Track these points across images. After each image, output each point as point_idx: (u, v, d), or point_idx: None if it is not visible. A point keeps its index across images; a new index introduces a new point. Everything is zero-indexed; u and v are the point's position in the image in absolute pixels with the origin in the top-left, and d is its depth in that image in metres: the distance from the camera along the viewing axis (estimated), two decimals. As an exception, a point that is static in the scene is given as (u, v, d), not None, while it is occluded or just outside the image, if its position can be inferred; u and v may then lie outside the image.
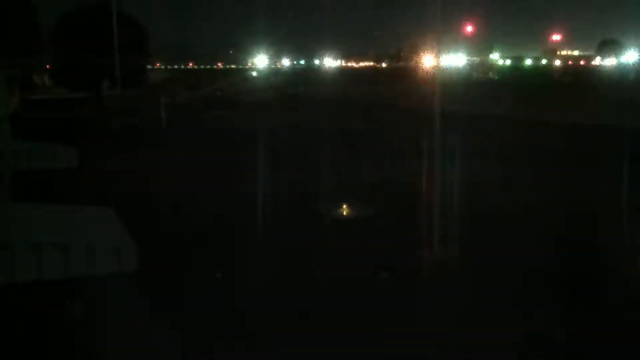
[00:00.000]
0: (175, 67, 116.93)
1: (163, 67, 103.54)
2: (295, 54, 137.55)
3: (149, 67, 61.13)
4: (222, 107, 31.66)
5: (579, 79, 64.83)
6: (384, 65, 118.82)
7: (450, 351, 5.27)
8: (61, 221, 7.70)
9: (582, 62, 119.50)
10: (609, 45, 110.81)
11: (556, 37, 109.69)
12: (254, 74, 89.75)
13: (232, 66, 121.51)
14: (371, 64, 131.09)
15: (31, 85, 44.68)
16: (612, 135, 18.53)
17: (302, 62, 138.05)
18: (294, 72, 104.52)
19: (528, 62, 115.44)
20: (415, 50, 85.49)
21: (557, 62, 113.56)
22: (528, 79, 67.06)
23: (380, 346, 5.32)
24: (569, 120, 23.02)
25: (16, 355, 5.17)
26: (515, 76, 74.07)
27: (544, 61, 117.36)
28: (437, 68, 8.10)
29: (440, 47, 7.64)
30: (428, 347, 5.33)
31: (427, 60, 70.20)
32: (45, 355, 5.18)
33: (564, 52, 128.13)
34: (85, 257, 6.76)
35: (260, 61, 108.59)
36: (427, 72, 59.59)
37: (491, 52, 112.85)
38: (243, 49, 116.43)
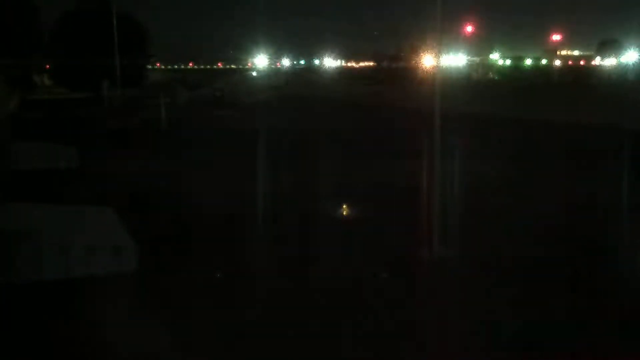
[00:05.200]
0: (175, 67, 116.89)
1: (163, 67, 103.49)
2: (295, 54, 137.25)
3: (149, 67, 61.28)
4: (222, 107, 31.67)
5: (578, 79, 64.87)
6: (383, 65, 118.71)
7: (451, 351, 5.29)
8: (61, 221, 7.73)
9: (582, 62, 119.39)
10: (608, 45, 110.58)
11: (556, 37, 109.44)
12: (254, 74, 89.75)
13: (232, 66, 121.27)
14: (371, 64, 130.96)
15: (31, 85, 44.71)
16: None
17: (302, 62, 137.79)
18: (294, 72, 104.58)
19: (528, 62, 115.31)
20: (415, 50, 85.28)
21: (557, 62, 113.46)
22: (528, 79, 67.11)
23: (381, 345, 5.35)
24: (564, 119, 23.29)
25: (16, 355, 5.18)
26: (515, 76, 74.06)
27: (544, 61, 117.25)
28: (437, 68, 8.09)
29: (441, 47, 7.60)
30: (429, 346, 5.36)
31: (427, 61, 70.19)
32: (45, 355, 5.20)
33: (564, 52, 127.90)
34: (85, 257, 6.79)
35: (260, 61, 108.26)
36: (426, 73, 59.60)
37: (491, 52, 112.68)
38: (243, 49, 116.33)
